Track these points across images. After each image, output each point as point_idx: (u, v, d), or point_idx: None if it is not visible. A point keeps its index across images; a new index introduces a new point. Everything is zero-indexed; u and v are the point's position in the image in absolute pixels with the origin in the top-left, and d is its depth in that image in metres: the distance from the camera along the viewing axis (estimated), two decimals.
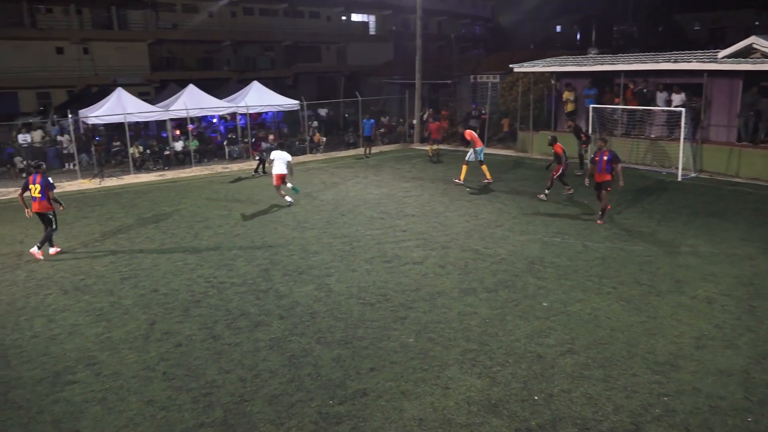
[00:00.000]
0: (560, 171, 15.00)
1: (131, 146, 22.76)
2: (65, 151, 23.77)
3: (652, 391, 6.41)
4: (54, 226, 11.97)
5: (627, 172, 17.52)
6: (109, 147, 24.62)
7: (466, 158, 17.68)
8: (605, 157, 12.47)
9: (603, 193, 12.70)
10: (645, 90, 20.19)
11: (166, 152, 23.94)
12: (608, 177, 12.49)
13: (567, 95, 22.53)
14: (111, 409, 6.39)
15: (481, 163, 17.43)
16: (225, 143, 25.60)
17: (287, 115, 29.72)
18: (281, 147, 18.18)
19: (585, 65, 21.98)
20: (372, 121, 25.08)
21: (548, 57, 25.49)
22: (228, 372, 7.08)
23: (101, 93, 28.42)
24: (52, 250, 12.03)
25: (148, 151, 23.78)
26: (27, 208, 11.86)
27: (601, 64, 21.44)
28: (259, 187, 18.71)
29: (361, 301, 9.09)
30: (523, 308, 8.66)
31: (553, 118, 23.71)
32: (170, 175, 21.82)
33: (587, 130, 19.72)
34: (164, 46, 41.24)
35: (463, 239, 12.18)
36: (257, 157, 20.98)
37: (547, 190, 15.28)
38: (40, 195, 11.65)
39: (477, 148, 17.41)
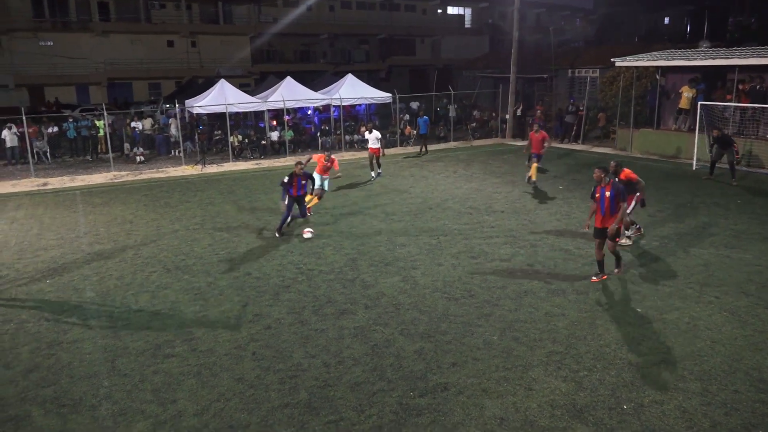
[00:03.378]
0: (632, 205, 10.89)
1: (231, 135, 23.86)
2: (172, 139, 25.29)
3: (755, 411, 5.96)
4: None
5: (738, 174, 16.36)
6: (211, 135, 25.94)
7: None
8: (607, 193, 9.01)
9: (611, 244, 9.32)
10: (758, 87, 18.67)
11: (263, 142, 24.89)
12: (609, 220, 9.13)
13: (686, 91, 20.76)
14: (205, 383, 6.75)
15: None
16: (318, 134, 26.26)
17: (379, 108, 30.03)
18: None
19: (694, 59, 20.63)
20: (426, 118, 24.02)
21: (654, 51, 24.14)
22: (313, 357, 7.29)
23: (206, 84, 30.01)
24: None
25: (246, 141, 24.84)
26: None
27: (713, 59, 20.04)
28: (349, 177, 19.05)
29: (445, 296, 9.06)
30: (614, 313, 8.30)
31: (656, 116, 22.46)
32: (266, 163, 22.68)
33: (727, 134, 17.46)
34: (265, 39, 42.79)
35: (554, 238, 11.83)
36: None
37: (627, 231, 11.29)
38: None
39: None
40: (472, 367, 6.93)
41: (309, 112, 29.28)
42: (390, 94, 26.75)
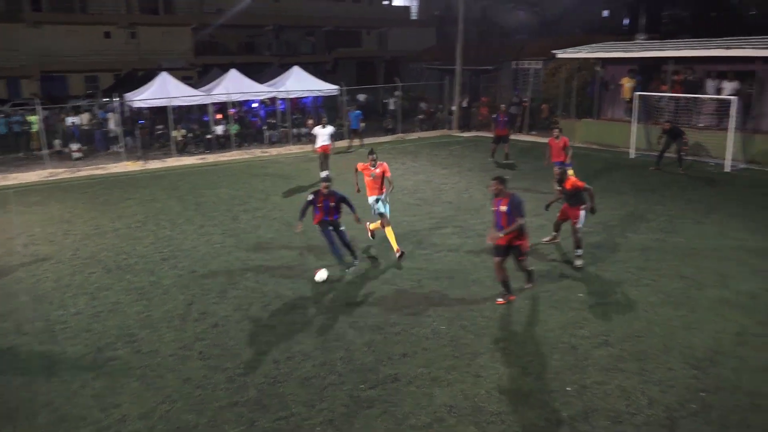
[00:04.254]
0: (582, 217, 9.72)
1: (174, 130, 23.23)
2: (111, 134, 24.41)
3: (689, 387, 6.26)
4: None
5: (673, 162, 17.03)
6: (153, 130, 25.17)
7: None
8: (503, 207, 7.95)
9: (522, 262, 8.36)
10: (690, 78, 19.47)
11: (208, 136, 24.34)
12: (514, 237, 8.07)
13: (627, 82, 21.22)
14: (150, 385, 6.58)
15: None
16: (265, 128, 25.89)
17: (326, 101, 29.82)
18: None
19: (632, 51, 21.33)
20: (359, 112, 23.65)
21: (593, 43, 24.84)
22: (262, 354, 7.21)
23: (146, 77, 29.04)
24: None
25: (190, 135, 24.23)
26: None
27: (649, 51, 20.77)
28: (297, 171, 18.87)
29: (395, 287, 9.11)
30: (557, 298, 8.54)
31: (596, 106, 23.12)
32: (211, 158, 22.20)
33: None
34: (208, 30, 41.77)
35: None
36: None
37: (578, 250, 9.82)
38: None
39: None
40: (422, 357, 7.00)
41: (255, 105, 28.80)
42: (337, 87, 26.60)
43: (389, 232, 10.38)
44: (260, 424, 5.86)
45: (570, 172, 9.98)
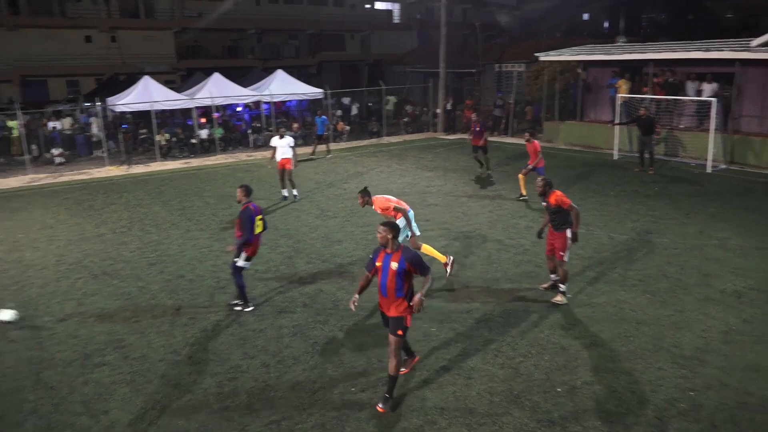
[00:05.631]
0: (567, 248, 8.36)
1: (157, 134, 23.04)
2: (94, 139, 24.14)
3: (677, 386, 6.34)
4: None
5: (657, 164, 17.27)
6: (136, 134, 24.95)
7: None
8: (393, 264, 5.93)
9: (394, 341, 6.04)
10: (670, 80, 19.76)
11: (192, 140, 24.18)
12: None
13: (623, 84, 20.70)
14: (139, 391, 6.52)
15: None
16: (249, 131, 25.78)
17: (311, 104, 29.78)
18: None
19: (613, 54, 21.61)
20: (324, 118, 22.75)
21: (575, 46, 25.11)
22: (252, 357, 7.18)
23: (128, 81, 28.75)
24: None
25: (174, 139, 24.04)
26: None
27: (630, 53, 21.05)
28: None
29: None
30: (546, 300, 8.60)
31: (579, 108, 23.37)
32: (195, 162, 22.05)
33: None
34: (190, 34, 41.53)
35: (487, 229, 12.12)
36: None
37: (562, 286, 8.54)
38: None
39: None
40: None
41: (239, 108, 28.69)
42: (321, 90, 26.58)
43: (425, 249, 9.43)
44: (252, 428, 5.83)
45: (538, 178, 8.90)
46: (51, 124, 24.22)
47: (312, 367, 6.93)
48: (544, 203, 8.55)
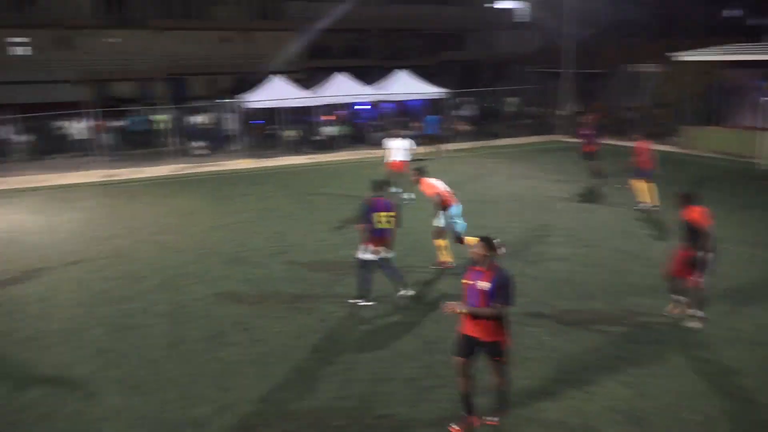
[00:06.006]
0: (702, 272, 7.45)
1: (285, 130, 24.25)
2: (229, 133, 25.90)
3: None
4: None
5: None
6: (265, 130, 26.41)
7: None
8: (484, 285, 5.42)
9: (496, 367, 5.66)
10: None
11: (316, 137, 25.19)
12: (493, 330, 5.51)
13: None
14: (261, 372, 6.92)
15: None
16: (370, 130, 26.39)
17: (432, 104, 29.92)
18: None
19: (762, 54, 19.65)
20: (436, 117, 22.60)
21: (713, 45, 23.13)
22: (368, 351, 7.36)
23: (259, 79, 30.49)
24: None
25: (300, 135, 25.20)
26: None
27: None
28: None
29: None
30: (677, 318, 8.05)
31: (721, 113, 21.54)
32: (318, 158, 22.95)
33: None
34: (317, 35, 43.25)
35: (612, 238, 11.54)
36: None
37: (700, 312, 7.79)
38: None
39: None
40: (526, 367, 6.84)
41: (361, 107, 29.44)
42: (443, 90, 26.61)
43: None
44: (363, 420, 5.99)
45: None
46: (193, 119, 26.30)
47: (425, 365, 6.98)
48: (680, 217, 7.74)
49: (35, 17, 36.82)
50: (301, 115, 28.30)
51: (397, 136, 15.15)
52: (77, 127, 23.80)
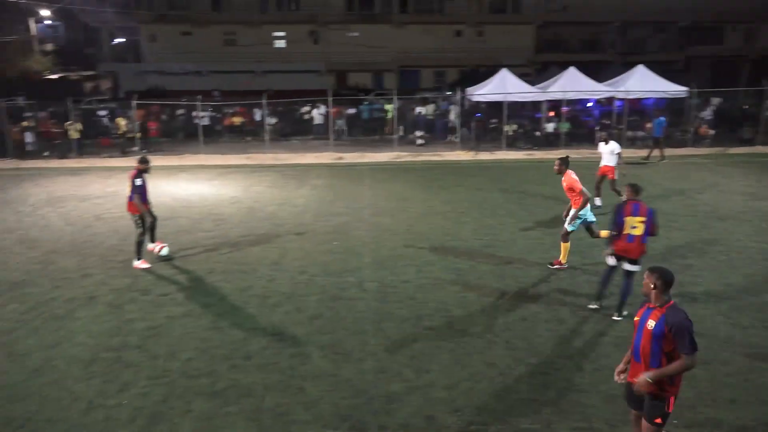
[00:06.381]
0: None
1: (506, 124, 24.05)
2: (450, 125, 26.50)
3: None
4: None
5: None
6: (487, 124, 26.49)
7: None
8: (651, 323, 4.62)
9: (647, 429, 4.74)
10: None
11: (537, 132, 24.54)
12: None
13: None
14: (457, 361, 7.00)
15: None
16: (597, 128, 24.91)
17: (670, 103, 27.18)
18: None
19: None
20: (662, 119, 20.55)
21: None
22: (568, 358, 7.02)
23: (487, 73, 30.62)
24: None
25: (520, 130, 24.79)
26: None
27: None
28: (626, 177, 17.69)
29: (730, 321, 7.89)
30: None
31: None
32: (538, 155, 22.36)
33: None
34: (550, 28, 41.96)
35: None
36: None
37: None
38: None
39: None
40: (759, 409, 5.92)
41: (589, 104, 27.94)
42: (686, 89, 23.99)
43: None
44: (557, 427, 5.73)
45: None
46: (417, 109, 27.46)
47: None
48: None
49: (293, 14, 41.66)
50: (524, 110, 27.85)
51: (605, 140, 14.04)
52: (317, 113, 26.45)
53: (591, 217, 9.81)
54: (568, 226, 9.73)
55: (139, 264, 10.25)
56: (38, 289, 9.35)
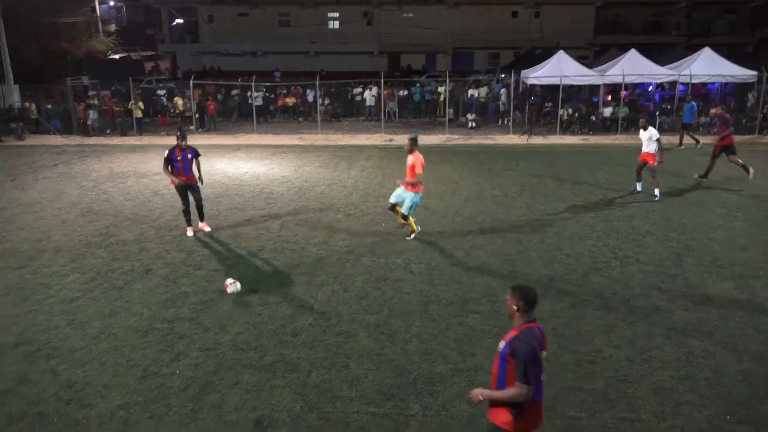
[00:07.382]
0: None
1: (561, 108, 23.46)
2: (503, 108, 26.07)
3: None
4: None
5: None
6: (541, 107, 25.92)
7: None
8: (500, 344, 4.26)
9: None
10: None
11: (593, 117, 23.86)
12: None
13: None
14: None
15: None
16: (657, 113, 24.02)
17: (738, 88, 25.92)
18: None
19: None
20: (693, 104, 19.99)
21: None
22: (616, 347, 6.88)
23: (543, 55, 29.91)
24: None
25: (575, 115, 24.15)
26: None
27: None
28: (686, 164, 17.05)
29: None
30: None
31: None
32: (593, 140, 21.77)
33: None
34: (611, 9, 40.52)
35: None
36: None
37: None
38: None
39: None
40: None
41: (650, 88, 26.95)
42: (755, 72, 22.80)
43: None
44: (602, 417, 5.64)
45: None
46: (470, 92, 27.10)
47: (682, 377, 6.26)
48: None
49: None
50: (580, 94, 27.10)
51: (644, 126, 13.68)
52: (369, 95, 26.46)
53: (416, 200, 10.42)
54: (404, 211, 10.46)
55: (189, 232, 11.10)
56: (99, 261, 9.79)
